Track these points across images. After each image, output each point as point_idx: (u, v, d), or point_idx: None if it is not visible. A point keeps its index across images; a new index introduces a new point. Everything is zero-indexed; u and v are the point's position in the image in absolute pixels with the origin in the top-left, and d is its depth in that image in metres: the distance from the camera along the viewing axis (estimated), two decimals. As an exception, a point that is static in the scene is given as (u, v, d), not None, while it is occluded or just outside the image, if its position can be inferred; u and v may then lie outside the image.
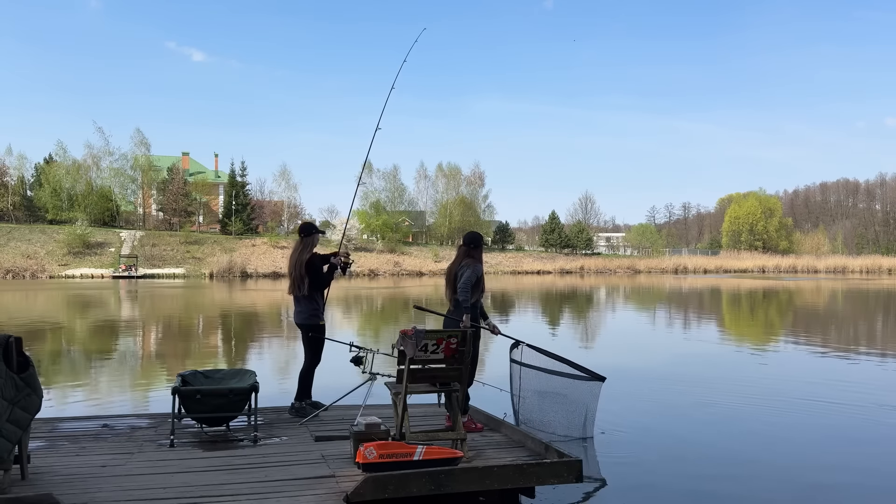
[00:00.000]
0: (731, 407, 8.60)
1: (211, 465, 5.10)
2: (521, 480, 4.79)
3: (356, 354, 6.59)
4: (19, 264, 56.16)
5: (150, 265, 59.30)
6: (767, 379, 10.80)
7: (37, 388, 4.67)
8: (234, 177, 74.74)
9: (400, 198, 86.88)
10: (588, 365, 7.06)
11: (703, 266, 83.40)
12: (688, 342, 16.66)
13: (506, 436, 6.05)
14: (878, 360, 13.16)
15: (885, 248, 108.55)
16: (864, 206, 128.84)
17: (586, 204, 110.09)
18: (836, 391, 9.72)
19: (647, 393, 9.47)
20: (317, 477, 4.85)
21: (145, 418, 6.73)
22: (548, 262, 79.61)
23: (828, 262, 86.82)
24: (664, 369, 11.79)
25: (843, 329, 19.73)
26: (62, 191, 69.05)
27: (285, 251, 67.04)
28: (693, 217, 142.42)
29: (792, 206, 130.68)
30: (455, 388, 5.58)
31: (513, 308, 26.85)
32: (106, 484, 4.65)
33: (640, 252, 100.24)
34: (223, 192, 78.17)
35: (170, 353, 14.35)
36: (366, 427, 5.20)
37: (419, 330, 5.35)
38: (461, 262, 6.60)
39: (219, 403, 5.76)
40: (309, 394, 6.90)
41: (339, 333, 15.75)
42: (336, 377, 7.95)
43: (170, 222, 72.87)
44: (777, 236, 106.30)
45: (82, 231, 62.68)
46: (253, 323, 20.83)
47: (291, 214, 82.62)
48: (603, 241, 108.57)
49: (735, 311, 26.85)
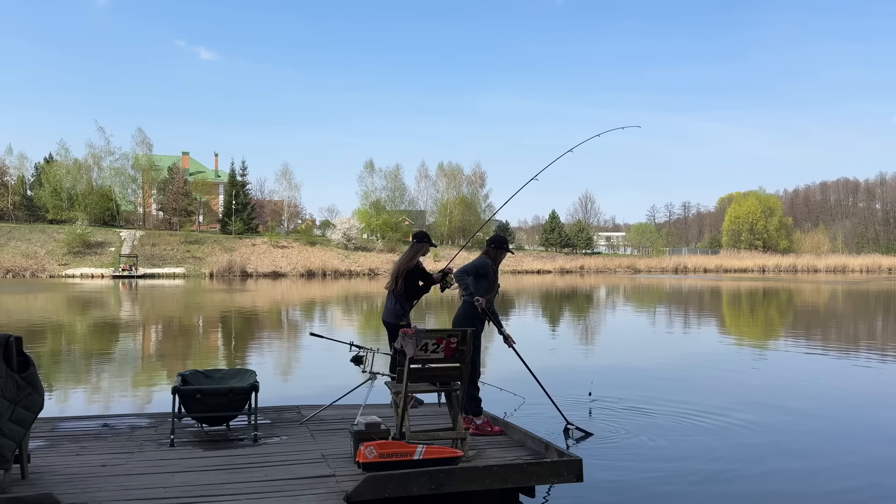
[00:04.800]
0: (732, 407, 8.60)
1: (211, 465, 5.10)
2: (522, 480, 4.79)
3: (356, 354, 6.59)
4: (19, 264, 56.14)
5: (150, 265, 59.28)
6: (769, 380, 10.80)
7: (38, 387, 4.67)
8: (234, 176, 74.76)
9: (400, 197, 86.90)
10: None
11: (703, 265, 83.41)
12: (688, 342, 16.66)
13: (506, 435, 6.05)
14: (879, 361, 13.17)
15: (885, 247, 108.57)
16: (865, 205, 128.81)
17: (586, 203, 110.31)
18: (836, 392, 9.72)
19: (648, 392, 9.46)
20: (317, 476, 4.85)
21: (145, 418, 6.72)
22: (548, 261, 79.60)
23: (828, 262, 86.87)
24: (664, 369, 11.79)
25: (844, 329, 19.74)
26: (62, 190, 69.09)
27: (285, 251, 67.14)
28: (693, 216, 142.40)
29: (792, 206, 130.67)
30: (455, 387, 5.58)
31: (513, 307, 26.85)
32: (106, 483, 4.65)
33: (640, 251, 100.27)
34: (223, 192, 78.19)
35: (170, 353, 14.35)
36: (366, 426, 5.20)
37: (419, 329, 5.35)
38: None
39: (219, 403, 5.76)
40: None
41: (339, 333, 15.77)
42: (336, 377, 7.95)
43: (170, 222, 72.88)
44: (777, 235, 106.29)
45: (82, 231, 62.71)
46: (253, 323, 20.83)
47: (292, 214, 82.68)
48: (603, 240, 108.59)
49: (735, 311, 26.85)
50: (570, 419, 7.20)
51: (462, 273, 6.46)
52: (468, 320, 6.33)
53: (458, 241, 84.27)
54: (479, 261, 6.60)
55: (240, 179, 74.88)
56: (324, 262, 64.96)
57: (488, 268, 6.56)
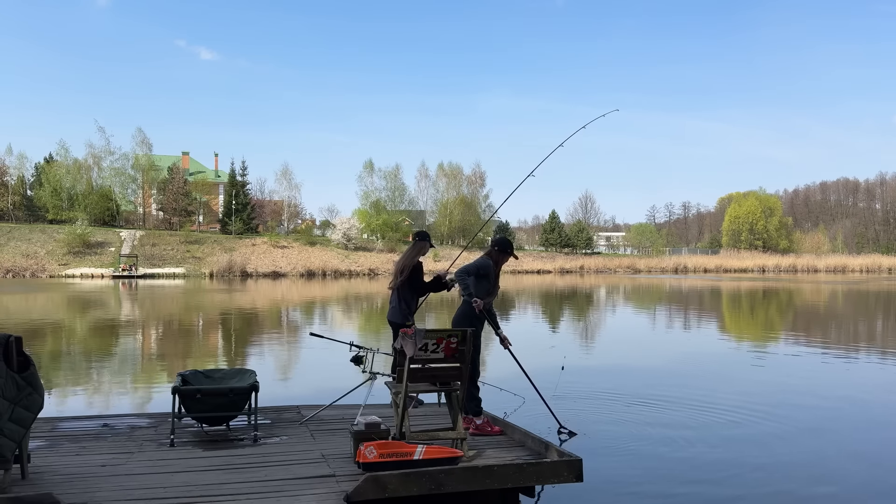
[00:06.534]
0: (732, 407, 8.60)
1: (211, 465, 5.10)
2: (522, 480, 4.78)
3: (356, 354, 6.59)
4: (19, 264, 56.14)
5: (150, 265, 59.27)
6: (769, 381, 10.80)
7: (38, 387, 4.67)
8: (234, 176, 74.77)
9: (400, 197, 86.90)
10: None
11: (703, 265, 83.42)
12: (688, 342, 16.66)
13: (506, 435, 6.05)
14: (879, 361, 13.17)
15: (885, 247, 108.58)
16: (865, 205, 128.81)
17: (586, 203, 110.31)
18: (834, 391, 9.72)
19: (649, 392, 9.46)
20: (317, 476, 4.85)
21: (145, 418, 6.72)
22: (548, 261, 79.61)
23: (828, 262, 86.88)
24: (664, 369, 11.79)
25: (843, 329, 19.74)
26: (62, 190, 69.09)
27: (285, 251, 67.14)
28: (693, 216, 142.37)
29: (792, 206, 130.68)
30: (455, 387, 5.58)
31: (513, 308, 26.84)
32: (106, 483, 4.65)
33: (640, 251, 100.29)
34: (223, 192, 78.20)
35: (170, 353, 14.35)
36: (366, 426, 5.20)
37: (419, 329, 5.35)
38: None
39: (219, 403, 5.76)
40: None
41: (339, 333, 15.77)
42: (336, 377, 7.95)
43: (170, 222, 72.88)
44: (777, 235, 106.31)
45: (82, 231, 62.71)
46: (253, 322, 20.83)
47: (292, 214, 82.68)
48: (603, 240, 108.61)
49: (735, 311, 26.85)
50: (562, 421, 7.17)
51: (463, 273, 6.45)
52: (468, 320, 6.33)
53: (458, 241, 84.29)
54: (481, 261, 6.59)
55: (240, 179, 74.90)
56: (324, 263, 64.97)
57: (490, 269, 6.56)
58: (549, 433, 6.75)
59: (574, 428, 7.15)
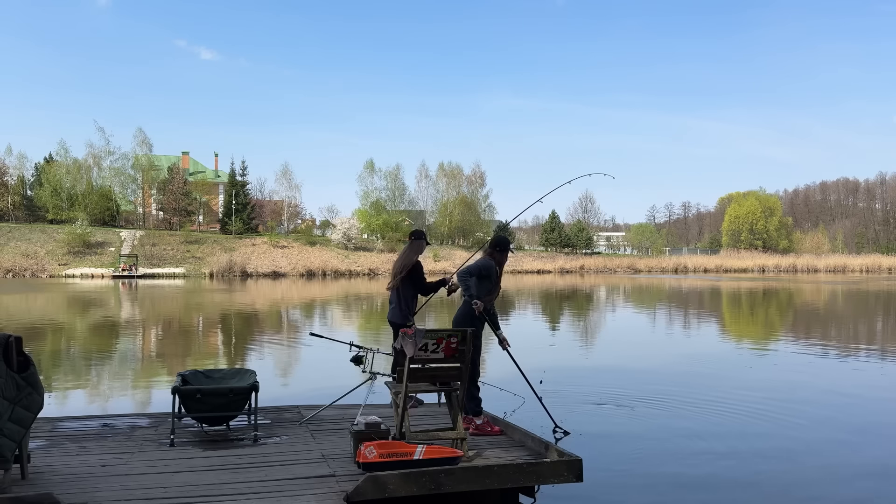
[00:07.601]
0: (733, 406, 8.60)
1: (211, 465, 5.10)
2: (522, 480, 4.78)
3: (356, 354, 6.59)
4: (19, 264, 56.12)
5: (150, 265, 59.27)
6: (769, 380, 10.80)
7: (38, 387, 4.67)
8: (234, 176, 74.74)
9: (400, 197, 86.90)
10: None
11: (703, 265, 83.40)
12: (688, 342, 16.66)
13: (506, 435, 6.05)
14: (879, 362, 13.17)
15: (885, 247, 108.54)
16: (864, 205, 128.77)
17: (586, 203, 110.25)
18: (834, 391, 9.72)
19: (649, 392, 9.46)
20: (317, 476, 4.85)
21: (145, 418, 6.73)
22: (548, 261, 79.60)
23: (828, 262, 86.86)
24: (665, 369, 11.79)
25: (843, 329, 19.74)
26: (62, 190, 69.06)
27: (285, 251, 67.14)
28: (693, 216, 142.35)
29: (792, 206, 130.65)
30: (455, 387, 5.58)
31: (513, 308, 26.84)
32: (106, 483, 4.65)
33: (640, 251, 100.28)
34: (223, 192, 78.18)
35: (170, 353, 14.35)
36: (366, 426, 5.20)
37: (419, 329, 5.35)
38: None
39: (219, 403, 5.76)
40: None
41: (339, 333, 15.77)
42: (336, 377, 7.95)
43: (170, 222, 72.87)
44: (777, 235, 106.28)
45: (82, 231, 62.68)
46: (253, 322, 20.83)
47: (292, 214, 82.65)
48: (603, 240, 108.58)
49: (734, 311, 26.85)
50: (558, 420, 7.18)
51: (465, 273, 6.45)
52: (468, 320, 6.33)
53: (458, 241, 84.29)
54: (483, 262, 6.59)
55: (240, 179, 74.85)
56: (324, 262, 64.97)
57: (492, 269, 6.56)
58: (542, 431, 6.74)
59: (574, 427, 7.16)
